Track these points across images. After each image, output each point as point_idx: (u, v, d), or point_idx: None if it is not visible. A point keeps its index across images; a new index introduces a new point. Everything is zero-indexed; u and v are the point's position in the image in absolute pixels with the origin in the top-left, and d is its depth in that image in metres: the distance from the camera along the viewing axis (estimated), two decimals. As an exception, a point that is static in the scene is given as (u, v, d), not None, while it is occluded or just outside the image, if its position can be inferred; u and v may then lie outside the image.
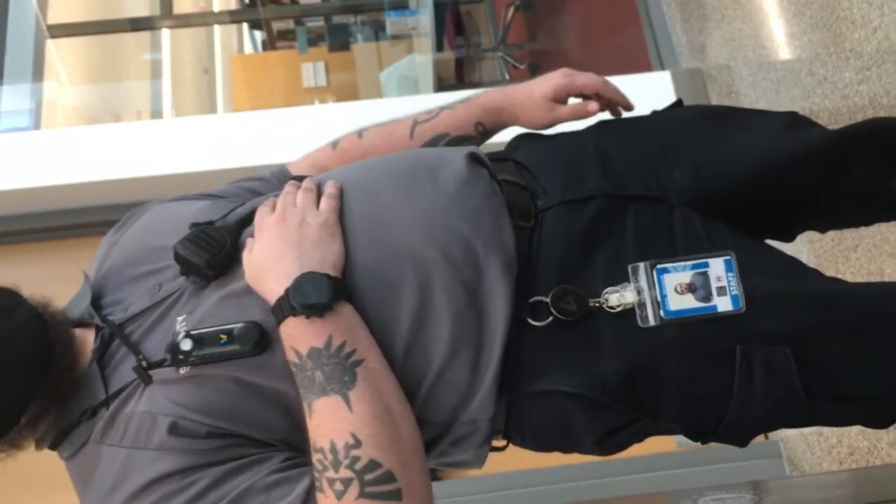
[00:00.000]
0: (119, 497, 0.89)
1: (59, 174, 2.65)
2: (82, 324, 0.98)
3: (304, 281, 0.90)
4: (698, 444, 1.04)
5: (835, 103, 2.21)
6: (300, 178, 1.07)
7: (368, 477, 0.85)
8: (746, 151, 1.10)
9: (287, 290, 0.90)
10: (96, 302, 1.01)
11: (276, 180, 1.17)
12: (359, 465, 0.85)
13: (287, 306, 0.90)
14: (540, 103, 1.14)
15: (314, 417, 0.88)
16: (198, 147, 2.69)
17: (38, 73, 3.66)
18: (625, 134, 1.14)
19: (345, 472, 0.85)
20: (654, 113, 1.21)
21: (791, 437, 2.56)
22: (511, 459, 1.11)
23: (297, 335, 0.90)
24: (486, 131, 1.18)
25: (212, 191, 1.15)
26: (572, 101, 1.17)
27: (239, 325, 0.92)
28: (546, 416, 0.98)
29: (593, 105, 1.15)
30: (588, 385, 0.95)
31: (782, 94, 2.47)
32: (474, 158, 1.07)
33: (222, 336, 0.92)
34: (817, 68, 2.29)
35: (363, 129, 1.20)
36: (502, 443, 1.04)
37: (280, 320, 0.91)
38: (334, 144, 1.21)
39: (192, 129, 2.85)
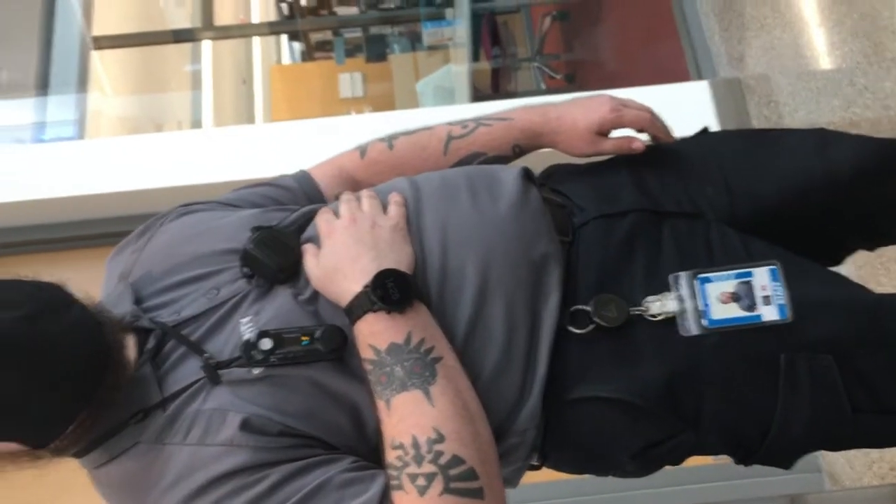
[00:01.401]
0: (182, 493, 0.87)
1: (103, 183, 2.69)
2: (122, 327, 0.96)
3: (385, 277, 0.91)
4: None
5: (876, 113, 2.18)
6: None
7: (453, 472, 0.84)
8: (777, 172, 1.10)
9: (367, 286, 0.91)
10: (138, 305, 0.99)
11: (299, 189, 1.15)
12: (443, 460, 0.84)
13: (367, 302, 0.90)
14: (583, 135, 1.11)
15: (394, 413, 0.88)
16: (237, 156, 2.72)
17: (82, 84, 3.73)
18: (656, 157, 1.13)
19: (428, 467, 0.84)
20: (683, 140, 1.20)
21: (831, 452, 2.52)
22: (543, 471, 1.11)
23: (377, 331, 0.90)
24: (521, 152, 1.16)
25: (222, 198, 1.13)
26: (616, 132, 1.14)
27: (321, 327, 0.92)
28: (584, 426, 0.98)
29: (638, 144, 1.11)
30: (628, 390, 0.95)
31: (822, 104, 2.44)
32: (526, 175, 1.08)
33: (304, 338, 0.91)
34: (858, 78, 2.26)
35: (392, 138, 1.18)
36: (537, 462, 1.03)
37: (358, 317, 0.91)
38: (362, 152, 1.18)
39: (232, 139, 2.89)
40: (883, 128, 2.15)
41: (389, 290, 0.90)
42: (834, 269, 1.18)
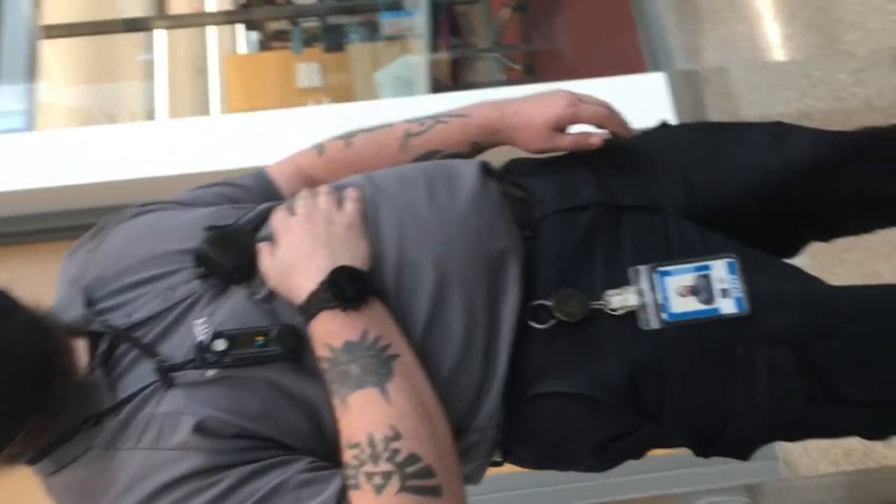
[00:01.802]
0: (134, 498, 0.86)
1: (54, 176, 2.64)
2: (72, 332, 0.95)
3: (339, 274, 0.90)
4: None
5: (830, 105, 2.21)
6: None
7: (409, 470, 0.83)
8: (735, 166, 1.11)
9: (321, 284, 0.90)
10: (89, 308, 0.97)
11: (256, 187, 1.14)
12: (399, 458, 0.83)
13: (321, 300, 0.89)
14: (539, 131, 1.10)
15: (350, 412, 0.87)
16: (192, 149, 2.68)
17: (31, 73, 3.64)
18: (616, 151, 1.13)
19: (385, 466, 0.83)
20: (642, 134, 1.20)
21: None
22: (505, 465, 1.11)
23: (332, 329, 0.89)
24: (480, 149, 1.16)
25: (178, 197, 1.12)
26: (574, 127, 1.14)
27: (276, 327, 0.91)
28: (545, 421, 0.98)
29: (595, 139, 1.10)
30: (589, 385, 0.95)
31: (777, 96, 2.47)
32: (484, 169, 1.07)
33: (258, 338, 0.90)
34: (812, 70, 2.29)
35: (350, 136, 1.17)
36: (499, 459, 1.03)
37: (312, 314, 0.90)
38: (320, 150, 1.17)
39: (187, 131, 2.84)
40: (836, 119, 2.18)
41: (344, 288, 0.89)
42: (789, 261, 1.20)
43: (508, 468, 1.10)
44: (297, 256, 0.94)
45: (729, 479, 2.36)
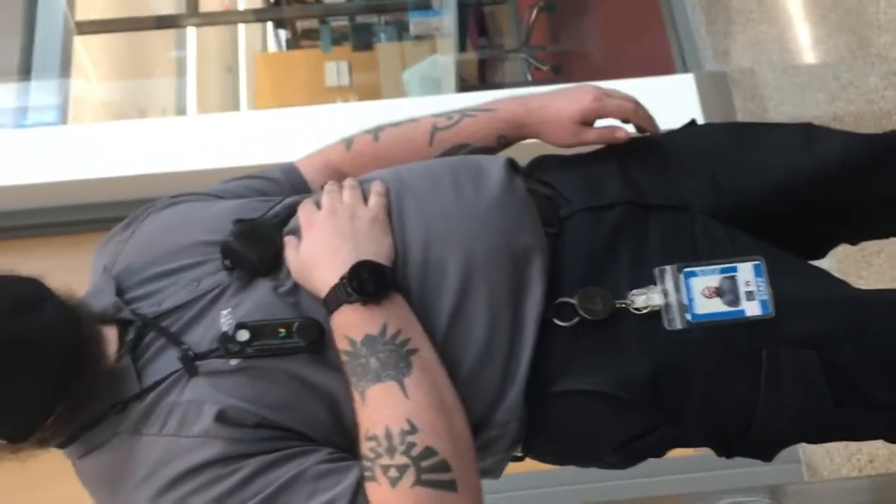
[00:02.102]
0: (156, 484, 0.87)
1: (85, 169, 2.68)
2: (103, 320, 0.97)
3: (361, 268, 0.91)
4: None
5: (860, 108, 2.19)
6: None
7: (425, 464, 0.83)
8: (763, 166, 1.10)
9: (343, 277, 0.91)
10: (119, 297, 0.99)
11: (286, 180, 1.16)
12: (415, 452, 0.84)
13: (343, 293, 0.90)
14: (566, 125, 1.11)
15: (368, 405, 0.88)
16: (221, 144, 2.71)
17: (65, 69, 3.69)
18: (643, 149, 1.13)
19: (400, 459, 0.83)
20: (670, 132, 1.20)
21: (812, 444, 2.54)
22: (527, 461, 1.11)
23: (352, 322, 0.90)
24: (506, 143, 1.17)
25: (209, 189, 1.14)
26: (600, 122, 1.14)
27: (299, 320, 0.92)
28: (567, 418, 0.98)
29: (621, 133, 1.11)
30: (611, 383, 0.95)
31: (807, 98, 2.45)
32: (511, 166, 1.08)
33: (281, 329, 0.91)
34: (842, 72, 2.27)
35: (378, 130, 1.18)
36: (520, 454, 1.04)
37: (334, 308, 0.91)
38: (348, 145, 1.18)
39: (216, 126, 2.87)
40: (866, 122, 2.17)
41: (365, 282, 0.90)
42: (815, 262, 1.19)
43: (528, 465, 1.10)
44: (320, 250, 0.95)
45: (751, 481, 2.34)
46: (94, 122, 4.00)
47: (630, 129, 1.14)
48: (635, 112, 1.12)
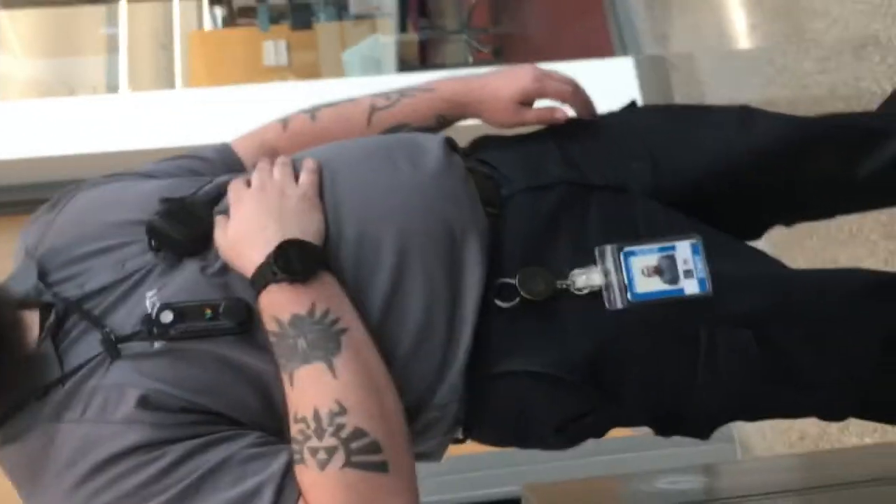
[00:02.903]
0: (77, 473, 0.84)
1: (11, 148, 2.59)
2: (25, 304, 0.93)
3: (287, 247, 0.88)
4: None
5: (794, 92, 2.24)
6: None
7: (354, 445, 0.82)
8: (702, 148, 1.11)
9: (269, 257, 0.88)
10: (42, 280, 0.95)
11: (219, 160, 1.13)
12: (344, 433, 0.82)
13: (269, 273, 0.88)
14: (506, 104, 1.11)
15: (296, 386, 0.86)
16: (154, 123, 2.64)
17: (-11, 44, 3.57)
18: (583, 130, 1.13)
19: (329, 441, 0.82)
20: (610, 113, 1.21)
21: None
22: (467, 443, 1.11)
23: (279, 302, 0.88)
24: (446, 123, 1.16)
25: (140, 169, 1.10)
26: (539, 103, 1.14)
27: (225, 301, 0.90)
28: (508, 400, 0.97)
29: (560, 113, 1.11)
30: (552, 364, 0.94)
31: (742, 83, 2.49)
32: (449, 144, 1.07)
33: (206, 310, 0.89)
34: (778, 58, 2.31)
35: (315, 110, 1.16)
36: (461, 437, 1.03)
37: (260, 288, 0.88)
38: (284, 124, 1.16)
39: (149, 105, 2.80)
40: (801, 106, 2.21)
41: (292, 261, 0.88)
42: (752, 244, 1.21)
43: (468, 448, 1.10)
44: (248, 229, 0.92)
45: (686, 460, 2.39)
46: (21, 99, 3.87)
47: (569, 110, 1.14)
48: (574, 94, 1.12)
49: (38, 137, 2.60)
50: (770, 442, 2.46)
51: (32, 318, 0.92)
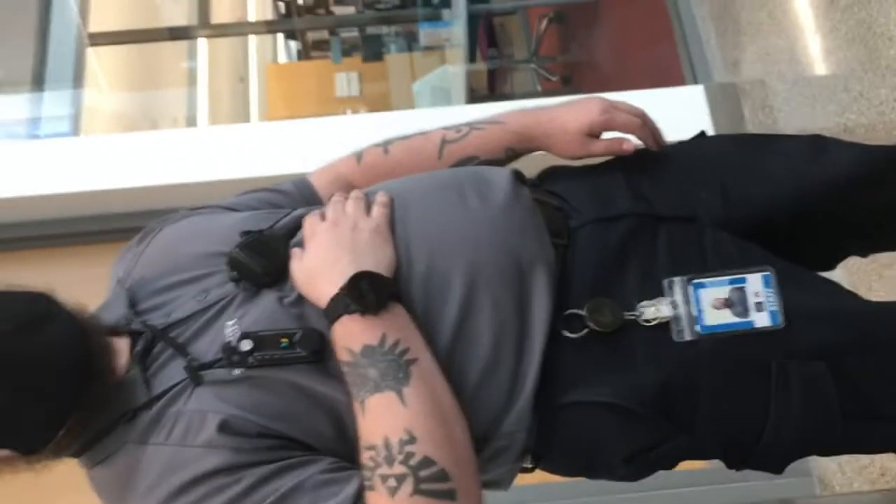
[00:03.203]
0: (162, 492, 0.88)
1: (97, 180, 2.69)
2: (115, 331, 0.98)
3: (360, 280, 0.92)
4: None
5: (871, 119, 2.19)
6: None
7: (423, 473, 0.84)
8: (773, 177, 1.11)
9: (342, 289, 0.91)
10: (132, 308, 1.01)
11: (298, 193, 1.17)
12: (413, 461, 0.84)
13: (342, 304, 0.91)
14: (574, 137, 1.12)
15: (367, 415, 0.88)
16: (232, 155, 2.73)
17: (78, 80, 3.73)
18: (652, 161, 1.14)
19: (399, 468, 0.84)
20: (679, 143, 1.20)
21: (822, 457, 2.52)
22: (536, 472, 1.11)
23: (352, 333, 0.91)
24: (515, 155, 1.17)
25: (224, 202, 1.15)
26: (607, 134, 1.15)
27: (301, 330, 0.93)
28: (577, 430, 0.98)
29: (629, 145, 1.12)
30: (622, 395, 0.95)
31: (817, 110, 2.45)
32: (517, 177, 1.08)
33: (283, 339, 0.92)
34: (853, 84, 2.27)
35: (388, 143, 1.19)
36: (530, 465, 1.04)
37: (334, 319, 0.92)
38: (358, 158, 1.19)
39: (227, 138, 2.89)
40: (878, 134, 2.16)
41: (364, 293, 0.91)
42: (826, 274, 1.19)
43: (537, 477, 1.10)
44: (321, 262, 0.96)
45: (762, 495, 2.34)
46: (107, 132, 4.03)
47: (636, 140, 1.14)
48: (641, 128, 1.13)
49: (124, 169, 2.71)
50: (849, 477, 2.38)
51: (122, 345, 0.97)
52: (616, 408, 0.95)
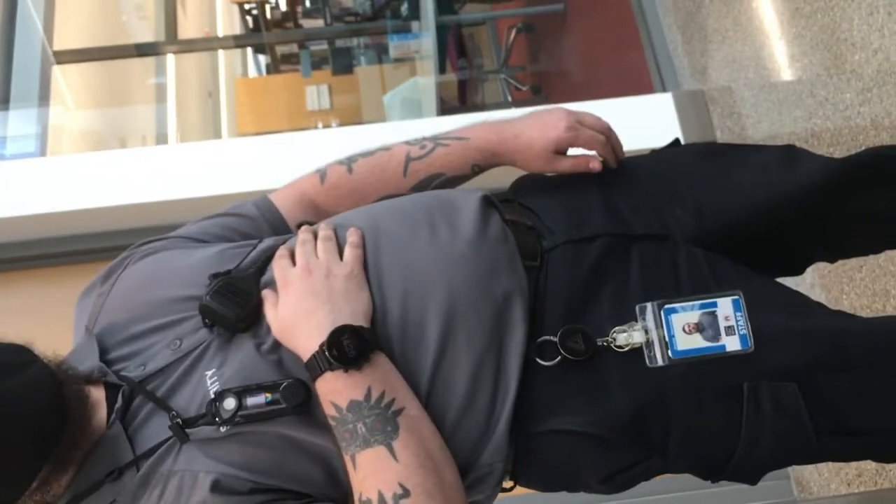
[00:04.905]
0: None
1: (65, 200, 2.66)
2: (90, 381, 0.96)
3: (339, 334, 0.90)
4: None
5: (836, 124, 2.22)
6: (308, 223, 1.07)
7: None
8: (746, 188, 1.11)
9: (322, 346, 0.90)
10: (103, 358, 0.99)
11: (261, 216, 1.14)
12: None
13: (324, 361, 0.90)
14: (540, 153, 1.11)
15: (359, 470, 0.88)
16: (203, 172, 2.70)
17: (44, 98, 3.69)
18: (626, 175, 1.13)
19: None
20: (653, 153, 1.20)
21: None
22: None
23: (336, 389, 0.90)
24: (481, 171, 1.16)
25: (185, 231, 1.12)
26: (574, 150, 1.13)
27: (284, 382, 0.92)
28: (553, 457, 0.98)
29: (595, 163, 1.11)
30: (596, 424, 0.95)
31: (784, 116, 2.48)
32: (486, 202, 1.07)
33: (267, 394, 0.91)
34: (819, 90, 2.30)
35: (352, 161, 1.16)
36: (510, 484, 1.03)
37: (317, 376, 0.91)
38: (322, 176, 1.16)
39: (197, 155, 2.87)
40: (844, 139, 2.19)
41: (346, 348, 0.90)
42: (798, 278, 1.19)
43: (516, 490, 1.10)
44: (297, 314, 0.94)
45: (741, 499, 2.34)
46: (74, 150, 3.99)
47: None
48: (605, 145, 1.12)
49: (92, 189, 2.68)
50: (826, 479, 2.40)
51: (98, 395, 0.95)
52: (589, 436, 0.95)
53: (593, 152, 1.12)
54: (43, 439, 0.89)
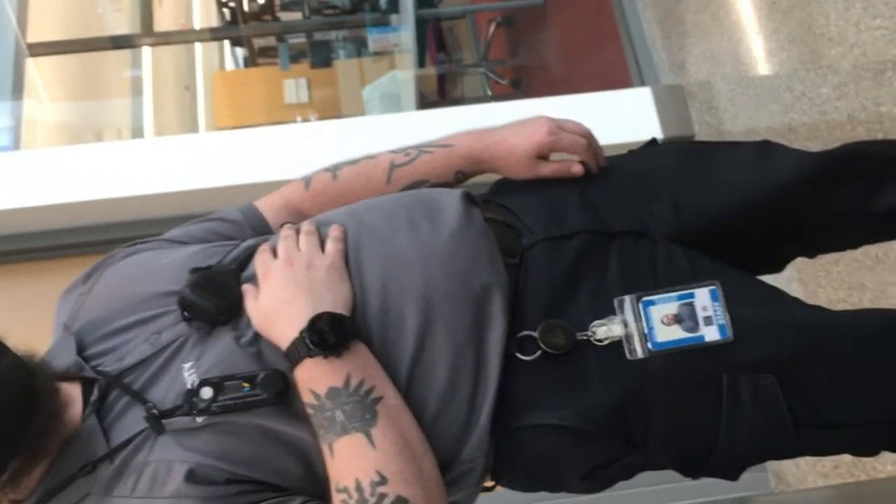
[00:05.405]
0: None
1: (40, 195, 2.63)
2: (66, 377, 0.96)
3: (319, 321, 0.90)
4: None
5: (813, 119, 2.23)
6: (290, 223, 1.06)
7: None
8: (722, 186, 1.12)
9: (302, 332, 0.90)
10: (81, 354, 0.98)
11: (246, 221, 1.15)
12: (386, 502, 0.85)
13: (303, 348, 0.90)
14: (522, 159, 1.12)
15: (336, 458, 0.88)
16: (179, 166, 2.68)
17: (17, 91, 3.64)
18: (604, 174, 1.14)
19: None
20: (631, 152, 1.21)
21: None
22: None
23: (315, 376, 0.90)
24: (465, 178, 1.17)
25: (169, 235, 1.13)
26: (556, 155, 1.15)
27: (262, 372, 0.91)
28: (534, 452, 0.98)
29: (577, 168, 1.12)
30: (577, 417, 0.95)
31: (761, 110, 2.49)
32: (467, 199, 1.08)
33: (244, 384, 0.90)
34: (795, 84, 2.31)
35: (337, 169, 1.17)
36: (491, 483, 1.04)
37: (296, 363, 0.90)
38: (307, 184, 1.18)
39: (174, 149, 2.84)
40: (820, 133, 2.20)
41: (325, 335, 0.90)
42: (775, 275, 1.20)
43: (496, 490, 1.10)
44: (278, 302, 0.94)
45: (719, 492, 2.36)
46: (49, 144, 3.94)
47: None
48: (587, 149, 1.13)
49: (66, 184, 2.65)
50: (803, 472, 2.42)
51: (74, 391, 0.94)
52: (570, 430, 0.95)
53: (575, 157, 1.13)
54: (11, 431, 0.88)
